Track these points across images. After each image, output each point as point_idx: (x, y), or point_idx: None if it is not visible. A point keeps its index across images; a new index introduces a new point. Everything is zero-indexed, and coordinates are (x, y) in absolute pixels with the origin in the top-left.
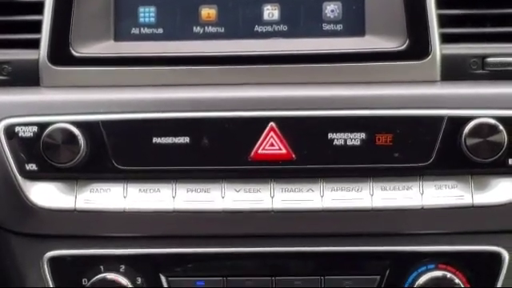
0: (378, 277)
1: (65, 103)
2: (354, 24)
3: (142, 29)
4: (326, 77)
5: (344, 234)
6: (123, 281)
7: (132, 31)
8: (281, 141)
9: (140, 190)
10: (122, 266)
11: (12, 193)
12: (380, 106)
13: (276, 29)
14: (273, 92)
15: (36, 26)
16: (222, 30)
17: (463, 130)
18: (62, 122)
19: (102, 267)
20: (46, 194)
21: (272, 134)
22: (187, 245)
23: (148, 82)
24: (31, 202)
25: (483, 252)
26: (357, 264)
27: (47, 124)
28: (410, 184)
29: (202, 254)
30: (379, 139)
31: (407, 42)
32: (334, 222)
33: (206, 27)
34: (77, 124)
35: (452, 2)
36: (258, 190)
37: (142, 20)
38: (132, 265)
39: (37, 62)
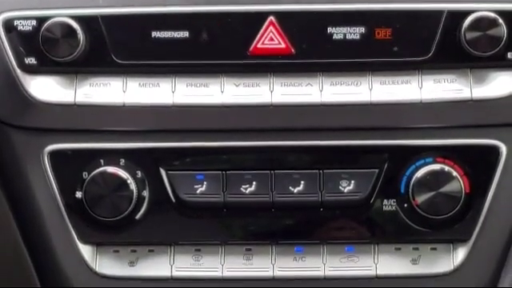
0: (377, 170)
1: None
2: None
3: None
4: None
5: (342, 127)
6: (123, 174)
7: None
8: (280, 35)
9: (139, 84)
10: (122, 160)
11: (12, 86)
12: (379, 0)
13: None
14: None
15: None
16: None
17: (463, 24)
18: (61, 15)
19: (101, 161)
20: (45, 88)
21: (271, 28)
22: (186, 139)
23: None
24: (31, 96)
25: (481, 145)
26: (355, 158)
27: (46, 18)
28: (408, 78)
29: (201, 148)
30: (378, 33)
31: None
32: (332, 115)
33: None
34: (76, 18)
35: None
36: (257, 85)
37: None
38: (132, 158)
39: None
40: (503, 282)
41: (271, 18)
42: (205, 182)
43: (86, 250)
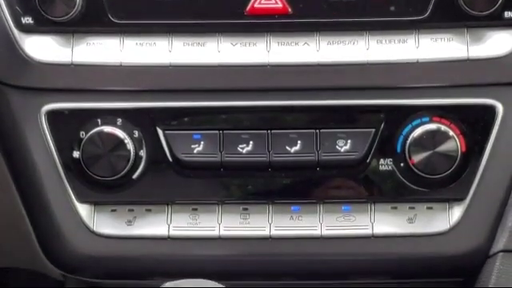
0: (373, 130)
1: None
2: None
3: None
4: None
5: (339, 87)
6: (120, 134)
7: None
8: None
9: (136, 43)
10: (119, 120)
11: (8, 46)
12: None
13: None
14: None
15: None
16: None
17: None
18: None
19: (99, 120)
20: (42, 48)
21: None
22: (184, 98)
23: None
24: (27, 56)
25: (477, 104)
26: (352, 117)
27: None
28: (405, 37)
29: (198, 108)
30: None
31: None
32: (329, 75)
33: None
34: None
35: None
36: (254, 44)
37: None
38: (129, 118)
39: None
40: (498, 240)
41: None
42: (202, 142)
43: (83, 210)
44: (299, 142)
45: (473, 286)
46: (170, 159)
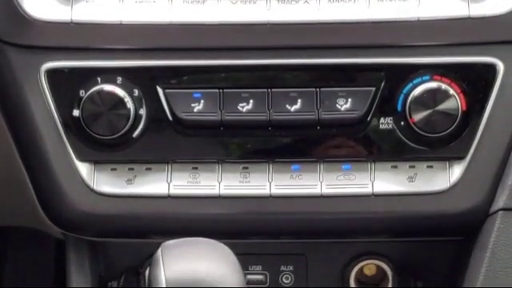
0: (373, 88)
1: None
2: None
3: None
4: None
5: (340, 45)
6: (120, 92)
7: None
8: None
9: (136, 1)
10: (119, 78)
11: (7, 4)
12: None
13: None
14: None
15: None
16: None
17: None
18: None
19: (98, 79)
20: (41, 6)
21: None
22: (184, 57)
23: None
24: (26, 13)
25: (478, 63)
26: (352, 76)
27: None
28: None
29: (198, 66)
30: None
31: None
32: (330, 33)
33: None
34: None
35: None
36: (253, 2)
37: None
38: (129, 77)
39: None
40: (498, 199)
41: None
42: (202, 101)
43: (83, 168)
44: (299, 100)
45: (472, 244)
46: (170, 118)
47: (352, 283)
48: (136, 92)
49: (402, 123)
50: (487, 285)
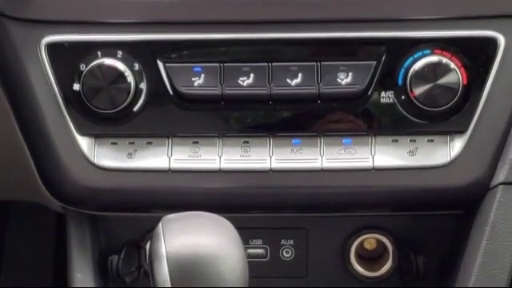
0: (374, 62)
1: None
2: None
3: None
4: None
5: (340, 19)
6: (121, 66)
7: None
8: None
9: None
10: (120, 52)
11: None
12: None
13: None
14: None
15: None
16: None
17: None
18: None
19: (99, 53)
20: None
21: None
22: (184, 31)
23: None
24: None
25: (479, 37)
26: (353, 50)
27: None
28: None
29: (198, 40)
30: None
31: None
32: (330, 7)
33: None
34: None
35: None
36: None
37: None
38: (129, 51)
39: None
40: (499, 173)
41: None
42: (202, 75)
43: (84, 142)
44: (300, 74)
45: (473, 218)
46: (171, 92)
47: (352, 257)
48: (136, 66)
49: (403, 97)
50: (487, 257)
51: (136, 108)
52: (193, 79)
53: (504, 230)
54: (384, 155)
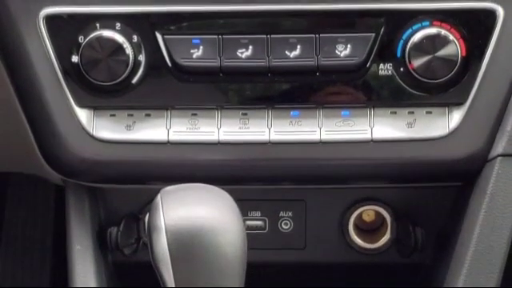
0: (373, 34)
1: None
2: None
3: None
4: None
5: None
6: (119, 38)
7: None
8: None
9: None
10: (118, 24)
11: None
12: None
13: None
14: None
15: None
16: None
17: None
18: None
19: (97, 25)
20: None
21: None
22: (183, 3)
23: None
24: None
25: (478, 9)
26: (352, 22)
27: None
28: None
29: (197, 12)
30: None
31: None
32: None
33: None
34: None
35: None
36: None
37: None
38: (128, 23)
39: None
40: (497, 145)
41: None
42: (201, 47)
43: (82, 114)
44: (299, 46)
45: (471, 190)
46: (169, 64)
47: (351, 229)
48: (135, 38)
49: (402, 69)
50: (485, 229)
51: (135, 80)
52: (191, 51)
53: (502, 201)
54: (382, 127)
